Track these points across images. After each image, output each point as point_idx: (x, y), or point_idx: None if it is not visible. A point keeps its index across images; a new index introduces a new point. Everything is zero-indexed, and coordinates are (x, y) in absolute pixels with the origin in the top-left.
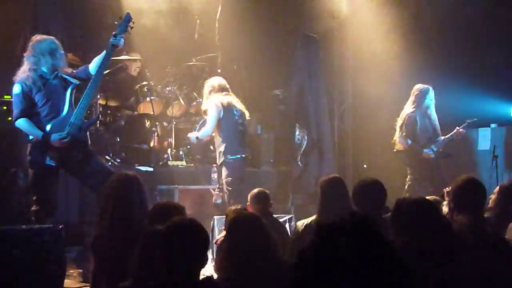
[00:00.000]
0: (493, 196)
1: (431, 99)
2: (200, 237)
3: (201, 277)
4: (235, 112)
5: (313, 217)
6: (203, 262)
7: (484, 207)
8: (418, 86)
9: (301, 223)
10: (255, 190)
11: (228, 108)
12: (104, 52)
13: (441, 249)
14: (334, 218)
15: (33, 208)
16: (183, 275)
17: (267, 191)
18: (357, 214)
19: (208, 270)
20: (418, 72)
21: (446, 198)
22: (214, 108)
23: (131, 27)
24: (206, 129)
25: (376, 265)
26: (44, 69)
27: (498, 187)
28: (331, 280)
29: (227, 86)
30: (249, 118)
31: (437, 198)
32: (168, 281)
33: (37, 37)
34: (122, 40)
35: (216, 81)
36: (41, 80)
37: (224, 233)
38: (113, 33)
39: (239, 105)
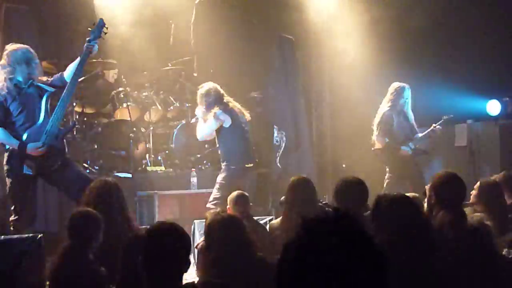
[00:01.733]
0: (473, 192)
1: (407, 98)
2: (182, 240)
3: (184, 282)
4: (241, 119)
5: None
6: (185, 266)
7: (464, 202)
8: (395, 84)
9: (276, 222)
10: (234, 193)
11: (235, 118)
12: (78, 59)
13: (420, 245)
14: (318, 213)
15: (12, 217)
16: (165, 280)
17: (246, 194)
18: (340, 210)
19: (191, 274)
20: (394, 71)
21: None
22: (220, 116)
23: (105, 33)
24: (206, 131)
25: (359, 260)
26: (19, 78)
27: (478, 182)
28: (315, 274)
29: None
30: (249, 119)
31: (416, 195)
32: (150, 286)
33: (12, 46)
34: (96, 46)
35: (215, 87)
36: (16, 89)
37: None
38: (87, 39)
39: (243, 111)
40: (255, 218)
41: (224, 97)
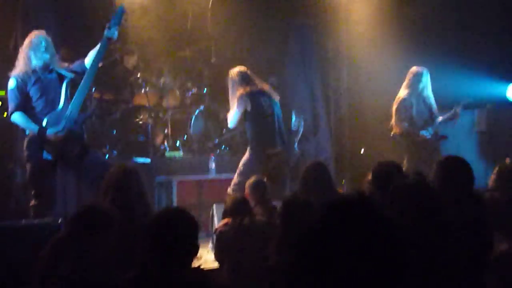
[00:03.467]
0: (492, 177)
1: (426, 82)
2: (189, 225)
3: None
4: (263, 102)
5: None
6: (193, 251)
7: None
8: (413, 69)
9: None
10: (253, 179)
11: (256, 99)
12: (98, 46)
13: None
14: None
15: (32, 203)
16: (173, 264)
17: (264, 179)
18: (363, 193)
19: (208, 260)
20: (413, 55)
21: None
22: (239, 101)
23: (125, 20)
24: (230, 121)
25: (378, 243)
26: (38, 64)
27: (497, 167)
28: (334, 255)
29: (251, 75)
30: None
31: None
32: (157, 271)
33: (31, 33)
34: (116, 32)
35: (238, 71)
36: (35, 74)
37: (225, 220)
38: (107, 25)
39: (270, 93)
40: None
41: (250, 79)
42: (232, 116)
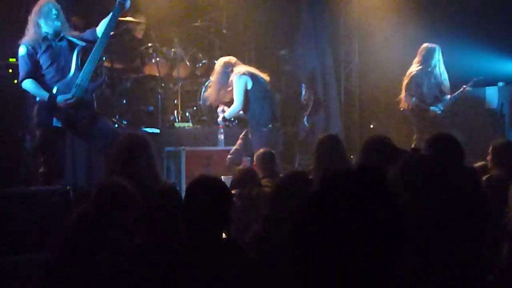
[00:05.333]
0: (489, 156)
1: (438, 59)
2: (224, 195)
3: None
4: (261, 81)
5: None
6: (225, 223)
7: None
8: (425, 45)
9: None
10: (261, 150)
11: (255, 78)
12: (110, 14)
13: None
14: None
15: (41, 170)
16: (205, 234)
17: (273, 151)
18: (366, 165)
19: None
20: (425, 31)
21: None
22: (240, 80)
23: None
24: (235, 106)
25: (377, 218)
26: (49, 31)
27: (491, 146)
28: (332, 227)
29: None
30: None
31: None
32: (188, 241)
33: (41, 1)
34: (129, 1)
35: (228, 59)
36: (46, 42)
37: (233, 191)
38: None
39: (261, 73)
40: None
41: (240, 65)
42: (236, 98)
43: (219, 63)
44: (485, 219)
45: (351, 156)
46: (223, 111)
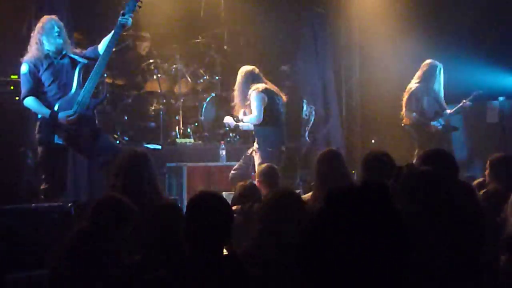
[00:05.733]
0: (487, 170)
1: (439, 76)
2: (224, 211)
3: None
4: (277, 101)
5: (310, 193)
6: (226, 238)
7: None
8: (428, 61)
9: (307, 195)
10: (265, 166)
11: (271, 97)
12: (112, 32)
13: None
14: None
15: (42, 186)
16: (206, 250)
17: (276, 167)
18: (370, 182)
19: None
20: (426, 45)
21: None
22: (258, 97)
23: (139, 6)
24: (254, 117)
25: (382, 233)
26: (51, 49)
27: (488, 160)
28: (337, 245)
29: (261, 75)
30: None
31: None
32: (189, 257)
33: (44, 18)
34: (130, 19)
35: (251, 69)
36: (48, 59)
37: (234, 207)
38: (121, 12)
39: (279, 93)
40: None
41: (261, 79)
42: (257, 112)
43: (241, 72)
44: (482, 235)
45: (353, 171)
46: (245, 114)
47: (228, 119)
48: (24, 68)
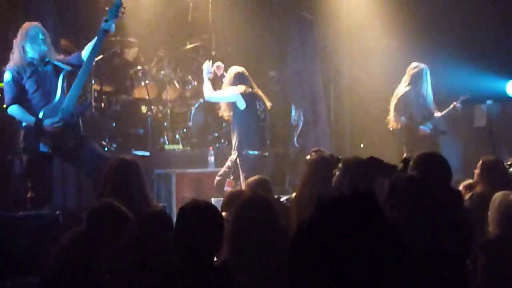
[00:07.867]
0: (476, 171)
1: (426, 78)
2: (215, 219)
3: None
4: (258, 106)
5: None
6: (218, 246)
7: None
8: (414, 65)
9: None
10: (255, 177)
11: (252, 102)
12: (95, 39)
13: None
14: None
15: (29, 195)
16: (197, 259)
17: (267, 178)
18: (359, 189)
19: None
20: (414, 50)
21: None
22: (236, 96)
23: (122, 12)
24: (212, 91)
25: (374, 241)
26: (35, 56)
27: (480, 161)
28: (328, 253)
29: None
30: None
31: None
32: (180, 264)
33: (26, 24)
34: (113, 25)
35: (241, 71)
36: (31, 67)
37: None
38: (104, 18)
39: (262, 98)
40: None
41: (249, 81)
42: (217, 94)
43: (230, 72)
44: (469, 242)
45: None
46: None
47: (205, 65)
48: (7, 76)
